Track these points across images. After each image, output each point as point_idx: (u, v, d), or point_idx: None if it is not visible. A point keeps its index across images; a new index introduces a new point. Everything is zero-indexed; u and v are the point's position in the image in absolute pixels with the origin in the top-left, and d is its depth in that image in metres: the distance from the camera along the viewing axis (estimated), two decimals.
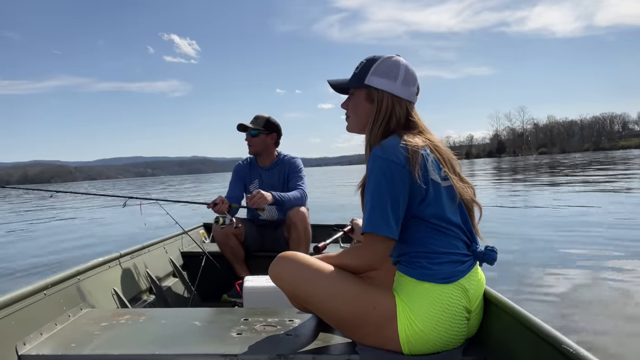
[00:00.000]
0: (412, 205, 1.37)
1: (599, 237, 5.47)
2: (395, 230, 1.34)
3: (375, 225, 1.34)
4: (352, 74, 1.55)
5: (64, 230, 10.36)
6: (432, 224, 1.38)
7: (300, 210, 2.84)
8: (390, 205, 1.33)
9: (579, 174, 19.76)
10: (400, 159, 1.34)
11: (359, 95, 1.51)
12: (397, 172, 1.34)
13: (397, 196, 1.34)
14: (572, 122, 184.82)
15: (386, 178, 1.34)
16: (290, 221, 2.82)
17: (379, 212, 1.34)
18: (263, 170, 3.10)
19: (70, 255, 6.51)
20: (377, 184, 1.35)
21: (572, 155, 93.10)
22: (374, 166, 1.37)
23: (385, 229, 1.33)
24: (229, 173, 3.48)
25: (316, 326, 1.62)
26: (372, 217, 1.35)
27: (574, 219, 7.19)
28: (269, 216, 3.07)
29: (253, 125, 3.02)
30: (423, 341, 1.34)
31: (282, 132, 3.15)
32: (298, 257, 1.50)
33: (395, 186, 1.34)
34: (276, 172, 3.08)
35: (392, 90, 1.47)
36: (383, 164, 1.35)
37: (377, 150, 1.38)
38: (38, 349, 1.45)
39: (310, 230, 2.87)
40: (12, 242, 8.78)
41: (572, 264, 4.26)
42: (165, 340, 1.49)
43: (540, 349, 1.14)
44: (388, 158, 1.35)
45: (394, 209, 1.34)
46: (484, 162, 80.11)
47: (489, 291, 1.46)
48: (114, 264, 2.29)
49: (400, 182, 1.34)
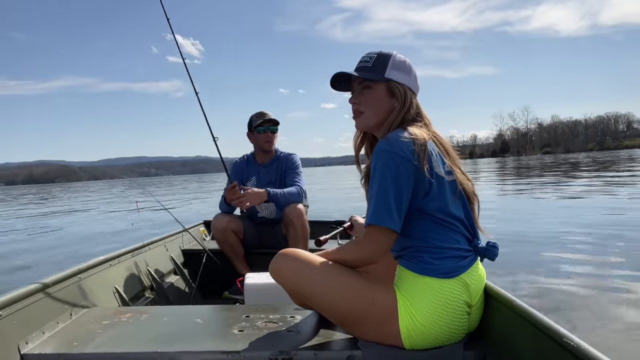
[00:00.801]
0: (416, 199, 1.37)
1: (603, 235, 5.45)
2: (398, 223, 1.34)
3: (379, 217, 1.34)
4: (357, 68, 1.51)
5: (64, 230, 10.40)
6: (436, 218, 1.38)
7: (297, 207, 2.83)
8: (394, 198, 1.33)
9: (586, 173, 19.68)
10: (406, 152, 1.34)
11: (379, 89, 1.48)
12: (402, 166, 1.33)
13: (401, 190, 1.34)
14: (576, 122, 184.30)
15: (391, 172, 1.33)
16: (287, 218, 2.82)
17: (383, 205, 1.33)
18: (261, 167, 3.11)
19: (70, 255, 6.53)
20: (382, 177, 1.34)
21: (575, 154, 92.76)
22: (378, 159, 1.36)
23: (389, 221, 1.33)
24: None
25: (317, 322, 1.62)
26: (375, 210, 1.34)
27: (578, 218, 7.16)
28: (267, 213, 3.07)
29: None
30: (424, 336, 1.34)
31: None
32: (298, 254, 1.50)
33: (399, 180, 1.33)
34: (274, 168, 3.09)
35: (410, 85, 1.49)
36: (388, 157, 1.34)
37: (383, 143, 1.37)
38: (40, 348, 1.45)
39: (307, 227, 2.87)
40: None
41: (575, 260, 4.25)
42: (167, 338, 1.49)
43: (541, 342, 1.14)
44: (394, 151, 1.34)
45: (398, 202, 1.33)
46: (487, 161, 80.00)
47: (490, 285, 1.46)
48: (115, 262, 2.29)
49: (405, 175, 1.34)
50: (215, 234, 2.88)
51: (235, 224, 2.90)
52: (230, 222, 2.87)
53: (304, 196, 3.00)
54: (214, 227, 2.88)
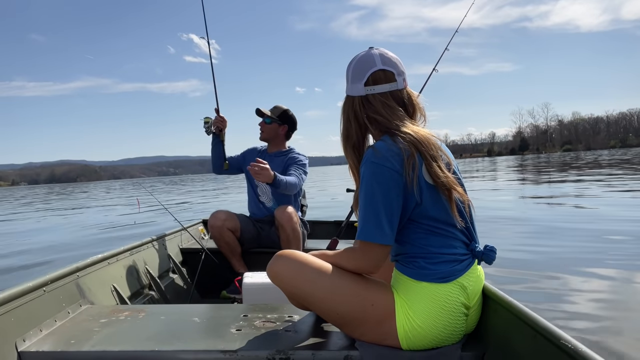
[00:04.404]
0: (407, 209, 1.34)
1: (607, 236, 5.31)
2: (390, 235, 1.31)
3: (369, 233, 1.31)
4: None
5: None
6: (429, 226, 1.35)
7: (286, 210, 2.83)
8: (384, 211, 1.30)
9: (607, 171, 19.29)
10: (393, 164, 1.30)
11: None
12: (390, 178, 1.30)
13: (390, 202, 1.30)
14: (597, 119, 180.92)
15: (379, 184, 1.30)
16: (278, 222, 2.83)
17: (372, 220, 1.30)
18: (268, 155, 3.18)
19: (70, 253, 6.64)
20: (370, 190, 1.31)
21: (598, 152, 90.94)
22: (366, 172, 1.33)
23: (379, 237, 1.30)
24: None
25: (315, 322, 1.61)
26: (365, 225, 1.32)
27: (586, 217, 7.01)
28: (266, 199, 3.12)
29: (270, 113, 3.14)
30: (421, 337, 1.33)
31: (296, 127, 3.24)
32: (296, 255, 1.47)
33: (388, 192, 1.30)
34: (279, 160, 3.13)
35: (358, 92, 1.46)
36: (376, 169, 1.31)
37: (370, 154, 1.34)
38: (38, 346, 1.45)
39: (299, 230, 2.86)
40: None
41: (580, 263, 4.14)
42: (165, 337, 1.49)
43: (539, 344, 1.13)
44: (381, 163, 1.30)
45: (388, 215, 1.30)
46: (505, 159, 78.94)
47: (488, 287, 1.44)
48: (113, 260, 2.30)
49: (394, 187, 1.30)
50: (212, 232, 2.89)
51: (232, 222, 2.90)
52: (227, 221, 2.88)
53: (301, 194, 3.03)
54: (210, 225, 2.89)
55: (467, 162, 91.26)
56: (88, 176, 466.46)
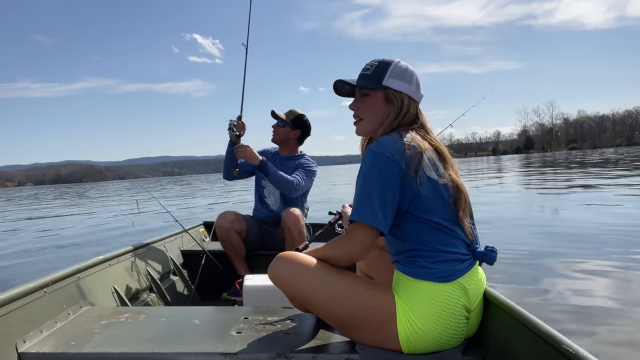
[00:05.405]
0: (404, 202, 1.35)
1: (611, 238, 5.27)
2: (382, 220, 1.32)
3: (361, 214, 1.34)
4: (359, 76, 1.53)
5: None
6: (430, 222, 1.36)
7: (293, 212, 2.84)
8: (378, 196, 1.32)
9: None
10: (392, 153, 1.34)
11: (376, 97, 1.50)
12: (387, 166, 1.33)
13: (385, 189, 1.33)
14: (603, 117, 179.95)
15: (376, 170, 1.34)
16: (284, 223, 2.83)
17: (365, 202, 1.34)
18: (279, 158, 3.18)
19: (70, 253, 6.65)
20: (367, 175, 1.36)
21: (603, 150, 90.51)
22: (366, 159, 1.39)
23: (370, 218, 1.32)
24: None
25: (316, 325, 1.61)
26: (358, 207, 1.35)
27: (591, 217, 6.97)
28: (272, 201, 3.11)
29: (285, 117, 3.15)
30: (422, 340, 1.32)
31: (309, 133, 3.24)
32: (297, 257, 1.47)
33: (384, 179, 1.33)
34: (288, 164, 3.13)
35: (409, 92, 1.49)
36: (375, 157, 1.36)
37: (373, 145, 1.39)
38: (38, 347, 1.45)
39: (304, 232, 2.86)
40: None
41: (580, 263, 4.12)
42: (165, 339, 1.49)
43: (540, 349, 1.13)
44: (380, 152, 1.35)
45: (381, 201, 1.32)
46: (510, 158, 78.70)
47: (489, 291, 1.44)
48: (114, 262, 2.30)
49: (390, 176, 1.33)
50: (219, 232, 2.89)
51: (239, 224, 2.91)
52: (234, 222, 2.88)
53: (305, 197, 3.02)
54: (218, 226, 2.89)
55: (471, 160, 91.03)
56: (94, 176, 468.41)
